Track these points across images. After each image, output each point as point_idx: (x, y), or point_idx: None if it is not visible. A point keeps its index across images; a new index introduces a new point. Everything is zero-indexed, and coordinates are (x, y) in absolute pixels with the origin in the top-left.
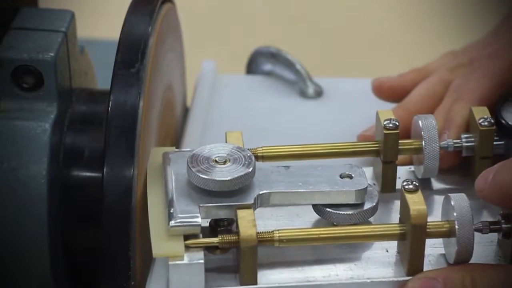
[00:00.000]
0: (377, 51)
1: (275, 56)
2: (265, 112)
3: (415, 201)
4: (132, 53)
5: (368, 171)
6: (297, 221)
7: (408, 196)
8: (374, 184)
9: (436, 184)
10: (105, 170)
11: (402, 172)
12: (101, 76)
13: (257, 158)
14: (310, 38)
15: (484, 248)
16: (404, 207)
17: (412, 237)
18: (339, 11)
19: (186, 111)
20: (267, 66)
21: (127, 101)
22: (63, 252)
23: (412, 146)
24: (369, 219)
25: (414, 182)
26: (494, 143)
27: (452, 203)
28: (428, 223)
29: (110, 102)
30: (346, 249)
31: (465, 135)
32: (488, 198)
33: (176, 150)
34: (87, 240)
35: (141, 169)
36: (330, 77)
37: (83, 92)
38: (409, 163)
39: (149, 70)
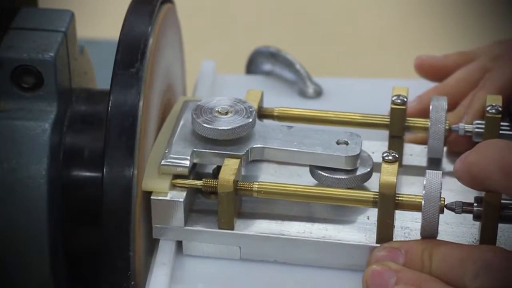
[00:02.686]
0: (377, 51)
1: (274, 56)
2: None
3: (388, 171)
4: (132, 53)
5: (384, 145)
6: (295, 180)
7: (384, 166)
8: None
9: (446, 166)
10: (105, 170)
11: (417, 150)
12: (101, 76)
13: (273, 117)
14: (310, 38)
15: (465, 229)
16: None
17: (381, 205)
18: (339, 11)
19: None
20: (267, 66)
21: (127, 101)
22: (63, 252)
23: (419, 125)
24: (364, 186)
25: (394, 154)
26: (505, 133)
27: (425, 180)
28: (398, 195)
29: (110, 102)
30: (332, 211)
31: (477, 121)
32: (460, 179)
33: (197, 100)
34: (87, 240)
35: (141, 169)
36: (330, 77)
37: (83, 92)
38: (424, 142)
39: (149, 70)
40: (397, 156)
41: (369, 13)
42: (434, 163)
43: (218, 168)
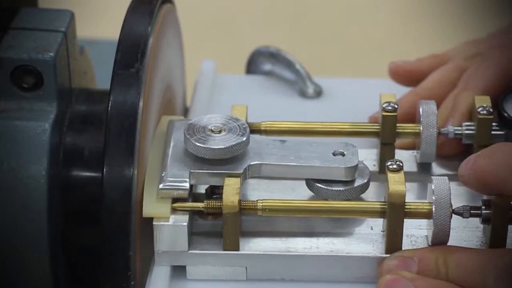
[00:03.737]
0: (377, 51)
1: (274, 56)
2: (264, 112)
3: (396, 181)
4: (131, 53)
5: (372, 153)
6: (291, 195)
7: (390, 175)
8: (374, 165)
9: (436, 170)
10: (105, 170)
11: (405, 156)
12: (101, 76)
13: (260, 132)
14: (310, 38)
15: (469, 233)
16: (386, 186)
17: (390, 215)
18: (339, 11)
19: (186, 111)
20: (267, 66)
21: (127, 101)
22: (63, 252)
23: (410, 130)
24: (361, 197)
25: (398, 162)
26: (495, 133)
27: (433, 185)
28: (407, 203)
29: (110, 102)
30: (334, 224)
31: (466, 123)
32: (468, 183)
33: (182, 118)
34: (87, 240)
35: (141, 169)
36: (330, 77)
37: (82, 92)
38: (413, 147)
39: (149, 70)
40: (401, 164)
41: (369, 13)
42: (424, 167)
43: (212, 187)
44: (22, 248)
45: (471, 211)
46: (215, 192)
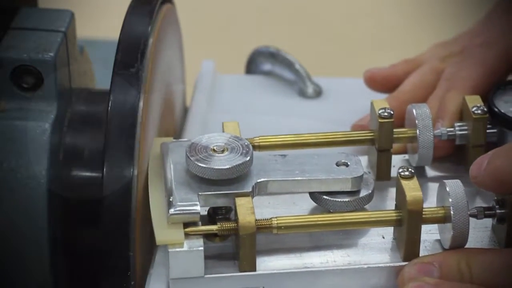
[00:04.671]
0: (377, 51)
1: (274, 56)
2: (264, 112)
3: (411, 188)
4: (131, 53)
5: (363, 160)
6: (294, 209)
7: (404, 183)
8: (369, 172)
9: (430, 172)
10: (105, 170)
11: (397, 161)
12: (101, 76)
13: (254, 147)
14: (310, 38)
15: (479, 233)
16: (400, 193)
17: (408, 223)
18: (339, 11)
19: (185, 111)
20: (267, 66)
21: (127, 101)
22: (63, 252)
23: (407, 135)
24: (364, 207)
25: (409, 169)
26: (487, 131)
27: (448, 189)
28: (424, 209)
29: (110, 102)
30: (343, 235)
31: (459, 124)
32: (483, 184)
33: (174, 140)
34: (87, 240)
35: (141, 169)
36: (329, 77)
37: (82, 92)
38: (404, 151)
39: (149, 70)
40: (413, 171)
41: (369, 13)
42: (419, 171)
43: (213, 209)
44: (22, 248)
45: (485, 212)
46: (217, 212)
